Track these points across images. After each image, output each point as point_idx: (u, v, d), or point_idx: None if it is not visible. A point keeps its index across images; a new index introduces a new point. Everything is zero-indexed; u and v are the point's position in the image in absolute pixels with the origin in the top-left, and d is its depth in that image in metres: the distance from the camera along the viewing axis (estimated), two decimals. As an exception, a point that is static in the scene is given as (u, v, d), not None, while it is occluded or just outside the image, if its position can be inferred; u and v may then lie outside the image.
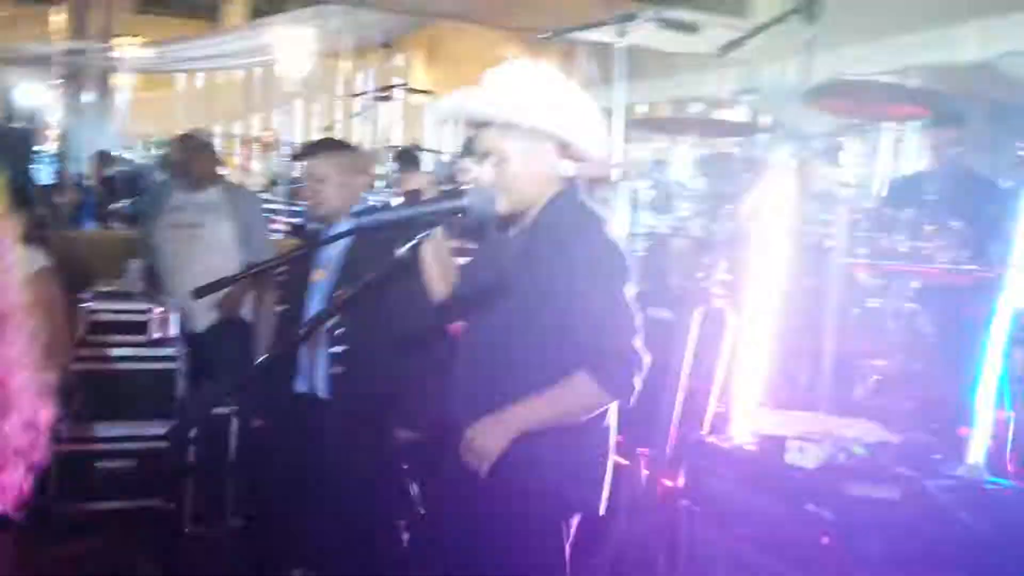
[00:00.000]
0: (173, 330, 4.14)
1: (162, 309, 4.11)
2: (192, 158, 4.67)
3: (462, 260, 2.38)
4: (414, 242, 1.72)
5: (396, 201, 3.07)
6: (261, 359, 1.92)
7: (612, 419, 2.10)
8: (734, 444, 2.24)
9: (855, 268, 3.11)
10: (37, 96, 10.81)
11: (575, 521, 2.09)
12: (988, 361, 2.27)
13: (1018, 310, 2.37)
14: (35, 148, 4.43)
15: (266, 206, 6.33)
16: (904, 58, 4.45)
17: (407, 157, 6.40)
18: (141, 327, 4.05)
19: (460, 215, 1.84)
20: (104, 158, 10.01)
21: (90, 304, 3.98)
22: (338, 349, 2.87)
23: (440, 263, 2.18)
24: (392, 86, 6.40)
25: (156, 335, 4.06)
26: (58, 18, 9.59)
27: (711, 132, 4.12)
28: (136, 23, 11.86)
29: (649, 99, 7.55)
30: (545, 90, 2.01)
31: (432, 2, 5.30)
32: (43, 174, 6.78)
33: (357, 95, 6.98)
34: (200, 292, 3.20)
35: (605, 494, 2.08)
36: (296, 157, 3.23)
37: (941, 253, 2.95)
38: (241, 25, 10.68)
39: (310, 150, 3.09)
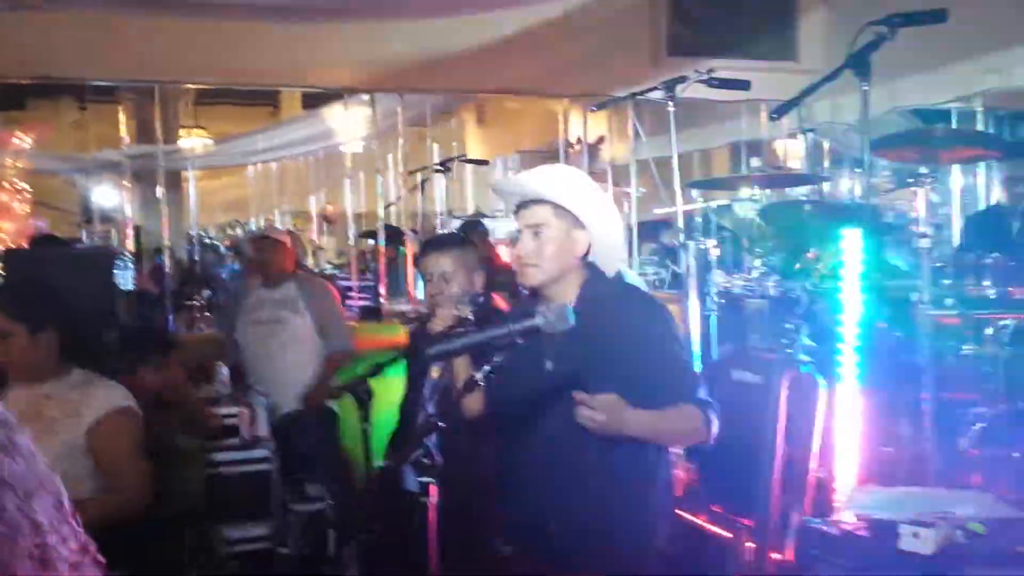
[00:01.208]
0: (263, 430, 4.23)
1: (251, 410, 4.21)
2: (267, 258, 4.79)
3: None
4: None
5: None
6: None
7: None
8: (843, 529, 2.18)
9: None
10: (110, 197, 11.27)
11: None
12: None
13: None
14: (115, 262, 4.59)
15: (339, 285, 6.45)
16: (961, 87, 4.34)
17: (471, 228, 6.47)
18: (232, 431, 4.15)
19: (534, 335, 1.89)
20: (174, 252, 10.36)
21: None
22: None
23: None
24: (449, 159, 6.52)
25: (247, 437, 4.15)
26: (123, 119, 9.98)
27: (774, 184, 4.07)
28: (198, 115, 12.33)
29: (704, 145, 7.48)
30: (582, 184, 2.26)
31: (478, 80, 5.38)
32: (123, 279, 7.03)
33: (415, 171, 7.12)
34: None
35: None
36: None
37: (1034, 296, 2.85)
38: (300, 114, 11.06)
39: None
